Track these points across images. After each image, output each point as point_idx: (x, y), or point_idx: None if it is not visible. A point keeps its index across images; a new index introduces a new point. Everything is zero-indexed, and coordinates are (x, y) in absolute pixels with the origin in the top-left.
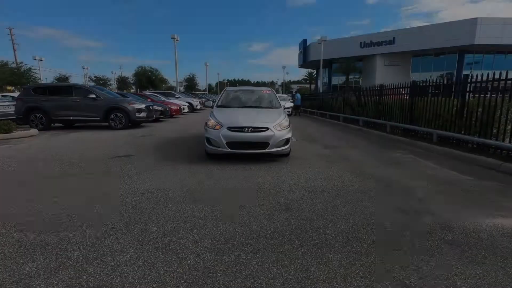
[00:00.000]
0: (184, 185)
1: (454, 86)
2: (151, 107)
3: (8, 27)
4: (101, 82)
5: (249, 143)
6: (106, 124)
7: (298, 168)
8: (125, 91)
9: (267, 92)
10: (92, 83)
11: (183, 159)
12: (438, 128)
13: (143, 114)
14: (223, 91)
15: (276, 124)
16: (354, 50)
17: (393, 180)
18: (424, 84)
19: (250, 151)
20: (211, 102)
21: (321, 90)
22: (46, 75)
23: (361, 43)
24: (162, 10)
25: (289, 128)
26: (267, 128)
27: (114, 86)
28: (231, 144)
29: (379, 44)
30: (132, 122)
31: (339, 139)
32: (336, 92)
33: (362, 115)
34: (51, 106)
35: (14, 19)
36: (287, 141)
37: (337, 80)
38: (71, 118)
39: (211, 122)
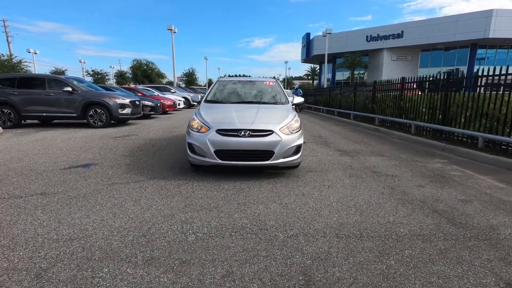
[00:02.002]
0: (144, 221)
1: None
2: (137, 102)
3: (2, 19)
4: (99, 76)
5: (246, 152)
6: (85, 121)
7: (314, 189)
8: (127, 85)
9: (271, 83)
10: (90, 78)
11: (159, 172)
12: (485, 131)
13: (127, 110)
14: (214, 82)
15: (283, 126)
16: (360, 44)
17: (458, 212)
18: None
19: (247, 163)
20: (199, 96)
21: (325, 86)
22: (41, 69)
23: (367, 36)
24: (164, 5)
25: (300, 131)
26: (271, 132)
27: (112, 80)
28: (222, 153)
29: (386, 37)
30: (115, 119)
31: (356, 142)
32: (346, 87)
33: (378, 113)
34: (20, 100)
35: (14, 13)
36: (298, 148)
37: (341, 76)
38: (44, 114)
39: (196, 122)
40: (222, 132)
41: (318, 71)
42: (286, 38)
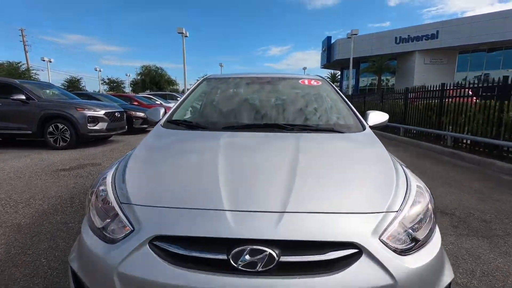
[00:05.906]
0: None
1: None
2: (117, 114)
3: (20, 28)
4: (114, 84)
5: None
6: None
7: None
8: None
9: (314, 82)
10: (105, 86)
11: None
12: None
13: (101, 125)
14: (197, 82)
15: (391, 224)
16: (388, 47)
17: None
18: None
19: None
20: (160, 111)
21: (350, 92)
22: (57, 78)
23: (396, 38)
24: (181, 14)
25: (439, 238)
26: (355, 250)
27: (128, 89)
28: None
29: (418, 38)
30: (84, 138)
31: (446, 183)
32: (390, 93)
33: (452, 130)
34: None
35: (44, 26)
36: None
37: (364, 82)
38: None
39: (102, 200)
40: (172, 250)
41: (339, 77)
42: (303, 46)
